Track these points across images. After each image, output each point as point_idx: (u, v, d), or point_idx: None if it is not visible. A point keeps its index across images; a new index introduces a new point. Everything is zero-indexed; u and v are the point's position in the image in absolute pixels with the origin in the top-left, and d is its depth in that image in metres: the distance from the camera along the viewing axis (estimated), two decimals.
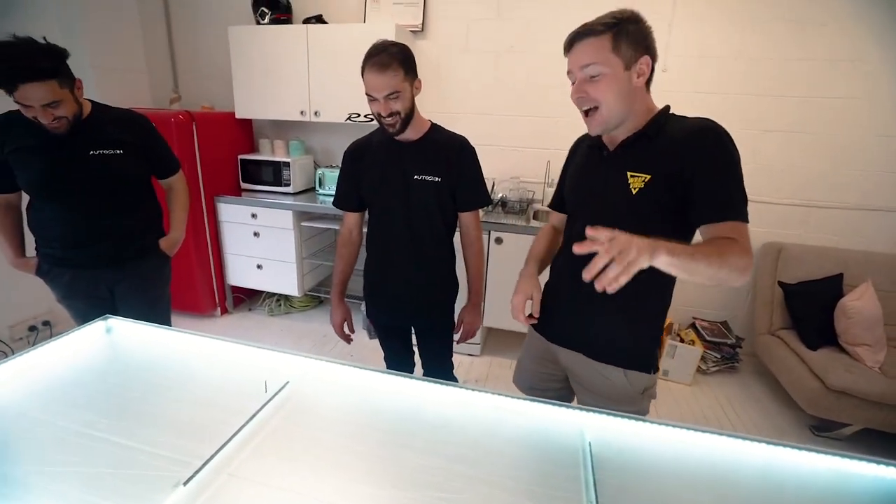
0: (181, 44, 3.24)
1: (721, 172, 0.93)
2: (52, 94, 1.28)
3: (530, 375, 1.36)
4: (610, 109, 0.98)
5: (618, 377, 1.12)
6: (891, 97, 2.37)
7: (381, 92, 1.26)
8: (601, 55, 0.95)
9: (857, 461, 0.91)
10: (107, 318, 1.26)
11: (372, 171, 1.43)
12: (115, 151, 1.49)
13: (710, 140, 0.94)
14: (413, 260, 1.48)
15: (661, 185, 0.97)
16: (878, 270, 2.36)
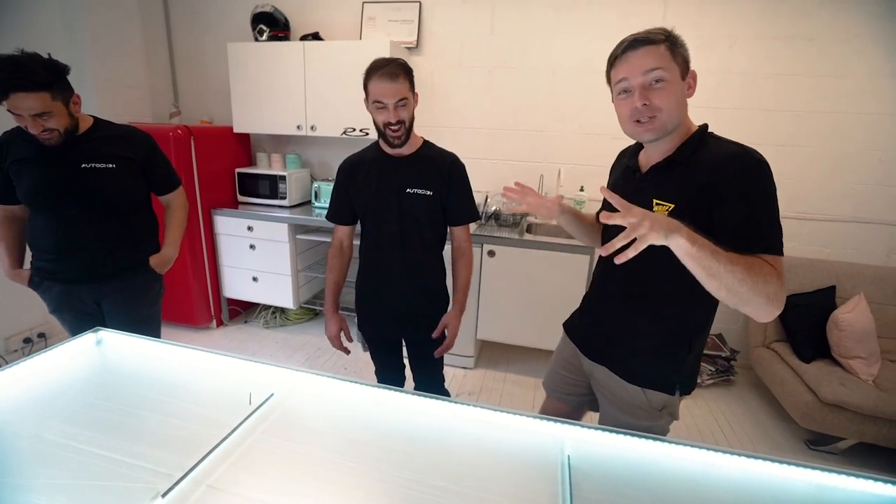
0: (182, 60, 3.31)
1: (752, 205, 0.89)
2: (41, 105, 1.32)
3: (556, 379, 1.38)
4: (670, 116, 0.96)
5: (636, 393, 1.12)
6: (877, 112, 2.41)
7: (392, 98, 1.31)
8: (664, 61, 0.93)
9: (838, 475, 0.91)
10: (97, 330, 1.27)
11: (366, 185, 1.46)
12: (107, 166, 1.50)
13: (742, 170, 0.90)
14: (405, 271, 1.50)
15: (686, 215, 0.90)
16: (871, 283, 2.37)
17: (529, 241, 2.49)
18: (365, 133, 2.73)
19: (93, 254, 1.55)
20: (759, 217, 0.88)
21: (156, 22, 3.19)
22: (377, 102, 1.33)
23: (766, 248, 0.87)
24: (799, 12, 2.38)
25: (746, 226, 0.88)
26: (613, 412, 1.20)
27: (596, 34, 2.62)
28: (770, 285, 0.83)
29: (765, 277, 0.82)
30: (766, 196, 0.89)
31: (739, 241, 0.87)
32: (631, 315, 1.11)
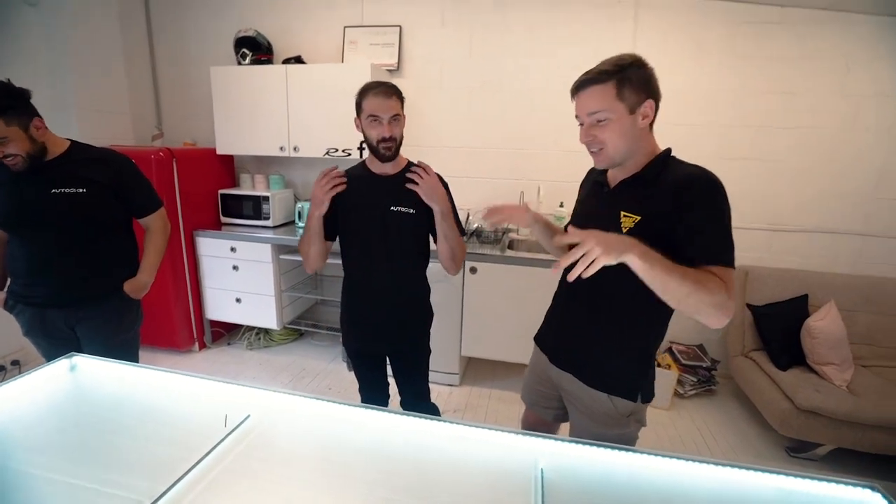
0: (165, 83, 3.33)
1: (707, 220, 0.97)
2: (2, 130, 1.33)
3: (532, 392, 1.44)
4: (615, 149, 1.05)
5: (603, 400, 1.17)
6: (833, 126, 2.53)
7: (388, 113, 1.37)
8: (606, 102, 1.02)
9: (804, 479, 0.94)
10: (72, 355, 1.26)
11: (351, 203, 1.48)
12: (77, 190, 1.48)
13: (699, 189, 0.98)
14: (390, 286, 1.52)
15: (650, 227, 1.02)
16: (841, 291, 2.44)
17: (511, 257, 2.53)
18: (347, 153, 2.77)
19: (64, 278, 1.54)
20: (713, 233, 0.97)
21: (139, 46, 3.22)
22: (372, 116, 1.37)
23: (718, 261, 0.96)
24: (759, 35, 2.50)
25: (701, 240, 0.97)
26: (583, 422, 1.23)
27: (570, 56, 2.71)
28: (717, 296, 0.90)
29: (712, 290, 0.90)
30: (720, 214, 0.98)
31: (695, 253, 0.96)
32: (594, 324, 1.17)
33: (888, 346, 2.39)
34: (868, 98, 2.47)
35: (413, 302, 1.60)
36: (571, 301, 1.24)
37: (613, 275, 0.98)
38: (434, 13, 2.83)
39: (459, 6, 2.79)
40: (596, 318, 1.16)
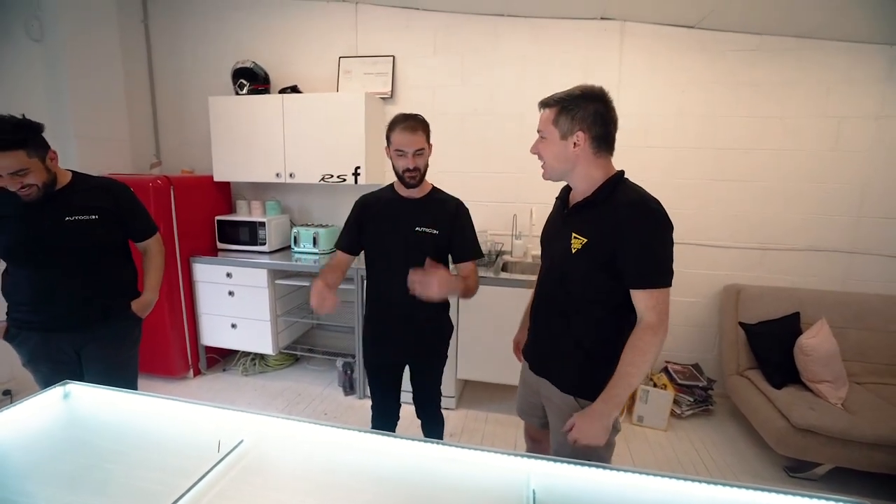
0: (164, 112, 3.41)
1: (639, 246, 1.09)
2: (18, 163, 1.38)
3: (522, 402, 1.55)
4: (549, 165, 1.22)
5: (571, 403, 1.25)
6: (817, 148, 2.61)
7: (412, 148, 1.51)
8: (544, 124, 1.20)
9: (794, 497, 0.94)
10: (66, 383, 1.26)
11: (378, 222, 1.64)
12: (90, 217, 1.56)
13: (633, 217, 1.10)
14: (413, 301, 1.54)
15: (595, 249, 1.15)
16: (832, 308, 2.47)
17: (505, 279, 2.55)
18: (342, 179, 2.82)
19: (75, 302, 1.58)
20: (644, 258, 1.09)
21: (139, 77, 3.31)
22: (398, 150, 1.53)
23: (651, 283, 1.10)
24: (741, 62, 2.60)
25: (634, 266, 1.10)
26: (558, 426, 1.29)
27: (560, 82, 2.75)
28: (647, 338, 1.10)
29: (645, 347, 1.10)
30: (656, 240, 1.10)
31: (631, 276, 1.11)
32: (562, 332, 1.27)
33: (879, 362, 2.40)
34: (848, 120, 2.56)
35: (433, 316, 1.70)
36: (544, 313, 1.34)
37: (579, 289, 1.20)
38: (426, 43, 2.94)
39: (451, 35, 2.90)
40: (564, 327, 1.26)
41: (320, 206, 3.30)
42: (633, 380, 1.11)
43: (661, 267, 1.10)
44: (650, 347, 1.10)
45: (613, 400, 1.11)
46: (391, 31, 2.97)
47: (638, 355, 1.10)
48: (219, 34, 3.23)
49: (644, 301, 1.11)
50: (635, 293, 1.12)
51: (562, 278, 1.24)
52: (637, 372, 1.10)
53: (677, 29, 2.64)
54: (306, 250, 2.99)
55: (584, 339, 1.23)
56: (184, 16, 3.26)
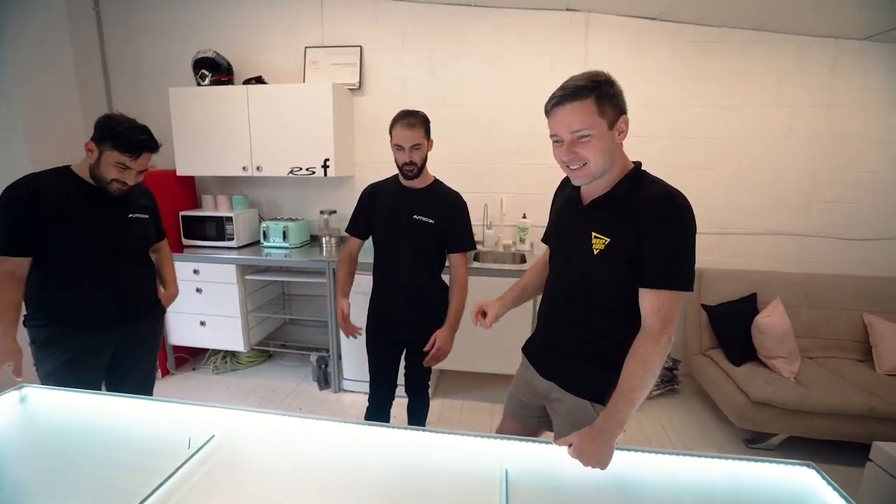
0: (121, 104, 3.26)
1: (666, 244, 0.98)
2: (146, 164, 1.49)
3: (514, 402, 1.42)
4: (597, 165, 1.02)
5: (587, 408, 1.16)
6: (771, 136, 2.73)
7: (408, 143, 1.63)
8: (588, 118, 0.97)
9: (747, 462, 1.01)
10: (21, 387, 1.22)
11: (383, 209, 1.78)
12: (143, 216, 1.63)
13: (663, 212, 0.99)
14: (412, 281, 1.78)
15: (619, 249, 1.03)
16: (785, 288, 2.61)
17: (477, 268, 2.58)
18: (311, 172, 2.77)
19: (129, 296, 1.60)
20: (664, 255, 0.99)
21: (92, 67, 3.15)
22: (396, 145, 1.65)
23: (661, 283, 0.99)
24: (701, 53, 2.69)
25: (652, 261, 0.99)
26: (567, 431, 1.19)
27: (526, 73, 2.84)
28: (651, 348, 0.98)
29: (647, 357, 0.98)
30: (681, 238, 0.99)
31: (643, 273, 1.00)
32: (578, 338, 1.17)
33: (828, 337, 2.56)
34: (800, 109, 2.69)
35: (430, 295, 1.82)
36: (557, 317, 1.23)
37: (600, 292, 1.09)
38: (394, 33, 2.91)
39: (418, 26, 2.88)
40: (581, 333, 1.16)
41: (290, 199, 3.24)
42: (636, 394, 0.98)
43: (677, 267, 0.98)
44: (652, 356, 0.97)
45: (615, 418, 0.97)
46: (358, 22, 2.93)
47: (639, 365, 0.98)
48: (178, 23, 3.10)
49: (649, 302, 1.00)
50: (643, 293, 1.01)
51: (581, 282, 1.12)
52: (640, 385, 0.98)
53: (641, 21, 2.70)
54: (276, 245, 2.94)
55: (603, 345, 1.12)
56: (138, 3, 3.11)
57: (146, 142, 1.45)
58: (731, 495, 0.94)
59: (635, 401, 0.98)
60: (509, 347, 2.55)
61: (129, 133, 1.41)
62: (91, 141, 1.42)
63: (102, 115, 1.44)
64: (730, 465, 1.01)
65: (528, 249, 2.90)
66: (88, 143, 1.42)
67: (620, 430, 0.98)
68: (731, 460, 1.01)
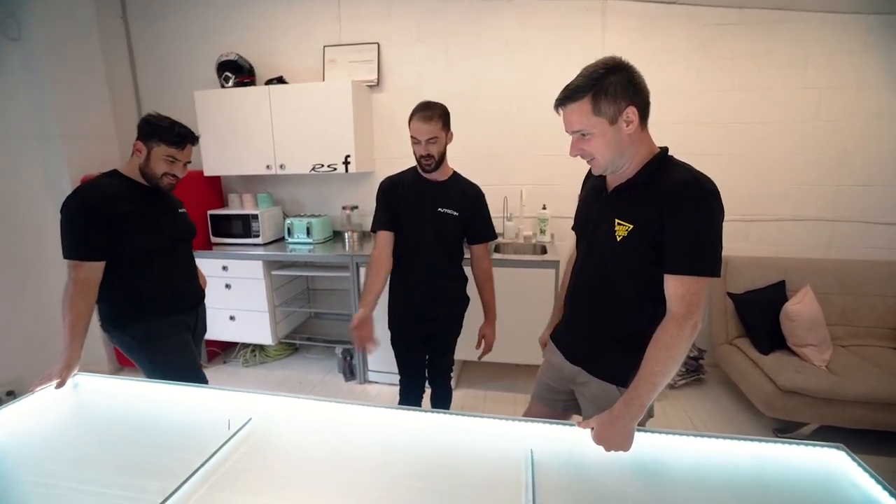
0: (149, 108, 3.30)
1: (691, 229, 0.97)
2: (191, 155, 1.59)
3: (541, 387, 1.44)
4: (604, 158, 1.04)
5: (613, 392, 1.16)
6: (797, 119, 2.66)
7: (425, 135, 1.62)
8: (584, 119, 1.00)
9: (773, 444, 1.01)
10: (74, 374, 1.29)
11: (406, 203, 1.76)
12: (184, 211, 1.74)
13: (688, 197, 0.97)
14: (438, 272, 1.79)
15: (642, 236, 1.03)
16: (815, 275, 2.55)
17: (498, 259, 2.60)
18: (333, 168, 2.83)
19: (192, 284, 1.73)
20: (688, 240, 0.97)
21: (122, 74, 3.28)
22: (413, 138, 1.65)
23: (685, 269, 0.97)
24: (720, 36, 2.63)
25: (675, 246, 0.98)
26: (594, 413, 1.19)
27: (543, 63, 2.83)
28: (675, 335, 0.97)
29: (671, 342, 0.97)
30: (706, 223, 0.97)
31: (667, 259, 0.99)
32: (606, 323, 1.17)
33: (861, 325, 2.49)
34: (827, 90, 2.61)
35: (453, 287, 1.86)
36: (582, 303, 1.24)
37: (623, 279, 1.10)
38: (409, 29, 2.94)
39: (433, 20, 2.90)
40: (605, 320, 1.17)
41: (312, 196, 3.32)
42: (657, 379, 0.97)
43: (702, 252, 0.97)
44: (675, 342, 0.96)
45: (635, 402, 0.97)
46: (374, 19, 2.97)
47: (662, 351, 0.97)
48: (200, 28, 3.19)
49: (674, 288, 0.98)
50: (667, 279, 1.00)
51: (604, 269, 1.13)
52: (662, 371, 0.97)
53: (657, 5, 2.66)
54: (300, 241, 3.01)
55: (627, 331, 1.13)
56: (163, 10, 3.21)
57: (188, 133, 1.54)
58: (758, 478, 0.94)
59: (656, 385, 0.97)
60: (532, 338, 2.56)
61: (172, 127, 1.50)
62: (138, 140, 1.49)
63: (142, 117, 1.52)
64: (756, 447, 1.01)
65: (549, 240, 2.89)
66: (137, 144, 1.49)
67: (641, 415, 0.98)
68: (758, 442, 1.01)
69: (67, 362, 1.29)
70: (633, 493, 0.88)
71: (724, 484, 0.92)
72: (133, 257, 1.50)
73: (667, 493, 0.89)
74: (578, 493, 0.88)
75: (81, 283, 1.39)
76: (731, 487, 0.91)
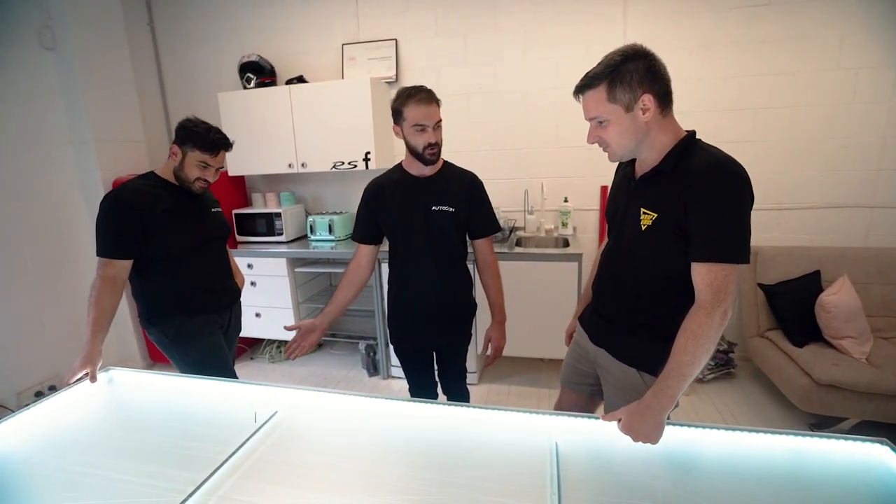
0: (175, 112, 3.48)
1: (715, 214, 0.94)
2: (223, 161, 1.61)
3: (569, 370, 1.45)
4: (620, 146, 1.05)
5: (633, 375, 1.17)
6: (832, 102, 2.54)
7: (433, 119, 1.43)
8: (600, 107, 1.01)
9: (811, 438, 0.97)
10: (108, 369, 1.34)
11: (393, 206, 1.56)
12: (219, 210, 1.77)
13: (711, 182, 0.95)
14: (437, 282, 1.60)
15: (667, 224, 1.02)
16: (853, 264, 2.43)
17: (520, 253, 2.57)
18: (353, 166, 2.85)
19: (226, 282, 1.76)
20: (714, 227, 0.95)
21: (149, 79, 3.38)
22: (417, 125, 1.42)
23: (712, 256, 0.95)
24: (747, 19, 2.53)
25: (701, 234, 0.96)
26: (614, 395, 1.24)
27: (562, 54, 2.78)
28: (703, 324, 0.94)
29: (695, 329, 0.94)
30: (731, 208, 0.94)
31: (699, 248, 0.97)
32: (630, 306, 1.17)
33: None
34: (864, 71, 2.48)
35: (458, 295, 1.68)
36: (609, 291, 1.25)
37: (649, 268, 1.10)
38: (428, 24, 2.93)
39: (451, 15, 2.88)
40: (631, 308, 1.17)
41: (333, 193, 3.35)
42: (686, 369, 0.94)
43: (728, 238, 0.94)
44: (704, 331, 0.93)
45: (665, 393, 0.94)
46: (392, 15, 2.97)
47: (691, 340, 0.94)
48: (222, 31, 3.26)
49: (701, 276, 0.96)
50: (694, 266, 0.98)
51: (630, 257, 1.13)
52: (691, 360, 0.94)
53: None
54: (323, 238, 3.05)
55: (652, 318, 1.12)
56: (187, 17, 3.30)
57: (222, 140, 1.56)
58: (795, 472, 0.90)
59: (686, 376, 0.95)
60: (555, 332, 2.54)
61: (207, 133, 1.52)
62: (174, 144, 1.53)
63: (180, 122, 1.54)
64: (792, 441, 0.97)
65: (571, 233, 2.85)
66: (173, 147, 1.53)
67: (671, 406, 0.95)
68: (794, 436, 0.97)
69: (88, 356, 1.31)
70: (660, 486, 0.86)
71: (757, 478, 0.88)
72: (166, 256, 1.54)
73: (696, 486, 0.87)
74: (604, 485, 0.87)
75: (109, 281, 1.44)
76: (764, 482, 0.87)
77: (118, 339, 3.17)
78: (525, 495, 0.84)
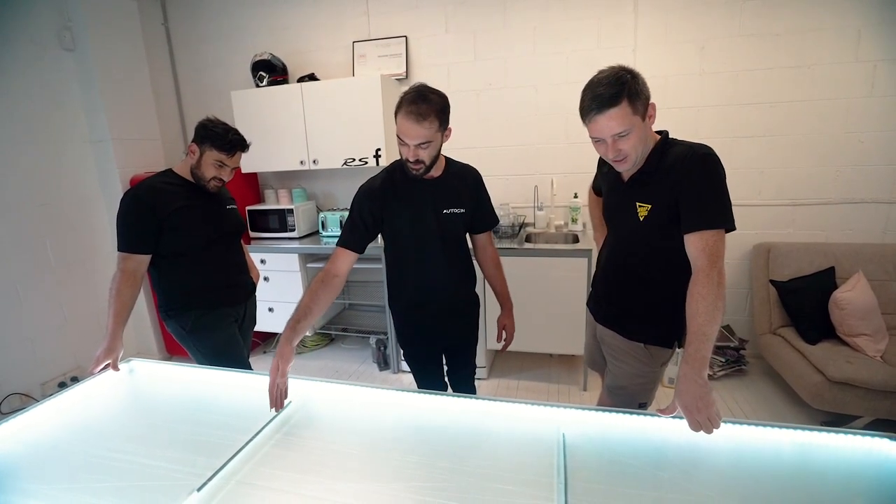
0: (190, 110, 3.54)
1: (698, 189, 1.08)
2: (239, 161, 1.65)
3: (588, 352, 1.62)
4: (636, 153, 1.14)
5: (639, 348, 1.31)
6: (850, 95, 2.49)
7: (414, 140, 1.28)
8: (627, 120, 1.07)
9: (818, 433, 0.97)
10: (129, 360, 1.39)
11: (400, 210, 1.45)
12: (234, 207, 1.82)
13: (689, 166, 1.09)
14: (451, 283, 1.57)
15: (661, 212, 1.16)
16: (869, 261, 2.40)
17: (529, 249, 2.58)
18: (364, 162, 2.88)
19: (241, 277, 1.81)
20: (704, 200, 1.08)
21: (164, 78, 3.44)
22: (398, 139, 1.31)
23: (700, 224, 1.07)
24: (761, 11, 2.50)
25: (688, 209, 1.09)
26: (615, 361, 1.37)
27: (572, 49, 2.76)
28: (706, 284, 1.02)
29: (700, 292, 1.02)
30: (711, 181, 1.08)
31: (689, 220, 1.09)
32: (632, 295, 1.31)
33: None
34: (883, 63, 2.43)
35: (468, 293, 1.68)
36: (613, 279, 1.36)
37: (649, 254, 1.24)
38: (438, 21, 2.94)
39: (461, 11, 2.89)
40: (636, 292, 1.30)
41: (344, 189, 3.39)
42: (706, 329, 0.99)
43: (713, 206, 1.06)
44: (709, 290, 1.01)
45: (695, 356, 0.98)
46: (402, 12, 2.98)
47: (700, 302, 1.01)
48: (235, 30, 3.30)
49: (694, 245, 1.06)
50: (687, 238, 1.08)
51: (632, 247, 1.27)
52: (707, 320, 0.99)
53: None
54: (334, 234, 3.09)
55: (651, 300, 1.27)
56: (201, 16, 3.34)
57: (240, 141, 1.60)
58: (803, 466, 0.91)
59: (708, 336, 0.99)
60: (564, 327, 2.55)
61: (225, 133, 1.56)
62: (193, 143, 1.57)
63: (200, 121, 1.57)
64: (800, 435, 0.98)
65: (581, 229, 2.85)
66: (191, 146, 1.57)
67: (705, 367, 0.98)
68: (802, 431, 0.98)
69: (111, 346, 1.35)
70: (667, 476, 0.87)
71: (765, 471, 0.89)
72: (184, 251, 1.59)
73: (703, 478, 0.88)
74: (611, 476, 0.88)
75: (129, 274, 1.48)
76: (772, 475, 0.88)
77: (136, 332, 3.25)
78: (533, 484, 0.86)
